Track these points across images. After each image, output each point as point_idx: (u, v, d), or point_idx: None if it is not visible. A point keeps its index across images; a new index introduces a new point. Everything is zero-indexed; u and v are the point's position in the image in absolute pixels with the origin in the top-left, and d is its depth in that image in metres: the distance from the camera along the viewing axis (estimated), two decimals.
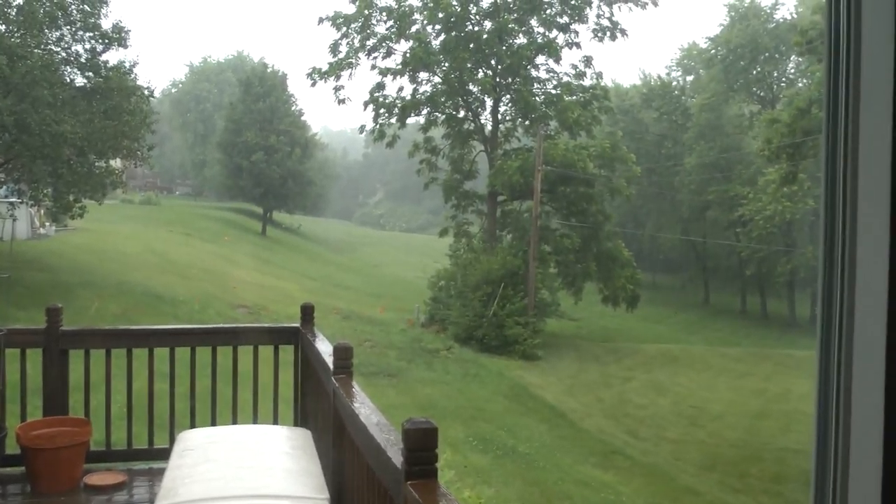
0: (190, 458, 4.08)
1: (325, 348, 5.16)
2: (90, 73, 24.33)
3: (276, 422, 6.16)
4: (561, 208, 35.23)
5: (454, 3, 36.03)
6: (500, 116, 38.19)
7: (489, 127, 38.00)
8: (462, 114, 38.26)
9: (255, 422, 6.17)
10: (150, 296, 24.03)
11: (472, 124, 38.30)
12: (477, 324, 29.97)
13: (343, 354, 4.49)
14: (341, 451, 4.14)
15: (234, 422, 6.15)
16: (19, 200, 24.59)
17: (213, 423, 6.01)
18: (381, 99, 37.77)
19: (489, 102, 38.33)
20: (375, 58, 37.44)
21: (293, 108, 57.54)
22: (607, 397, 25.86)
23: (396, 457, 2.75)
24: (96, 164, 23.86)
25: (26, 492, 5.68)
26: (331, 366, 4.54)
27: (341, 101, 37.61)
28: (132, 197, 56.02)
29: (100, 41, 24.44)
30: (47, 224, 29.82)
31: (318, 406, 5.21)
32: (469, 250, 35.35)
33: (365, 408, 3.65)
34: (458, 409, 20.87)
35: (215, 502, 3.45)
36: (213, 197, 67.55)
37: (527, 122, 37.35)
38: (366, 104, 37.87)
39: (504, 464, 16.99)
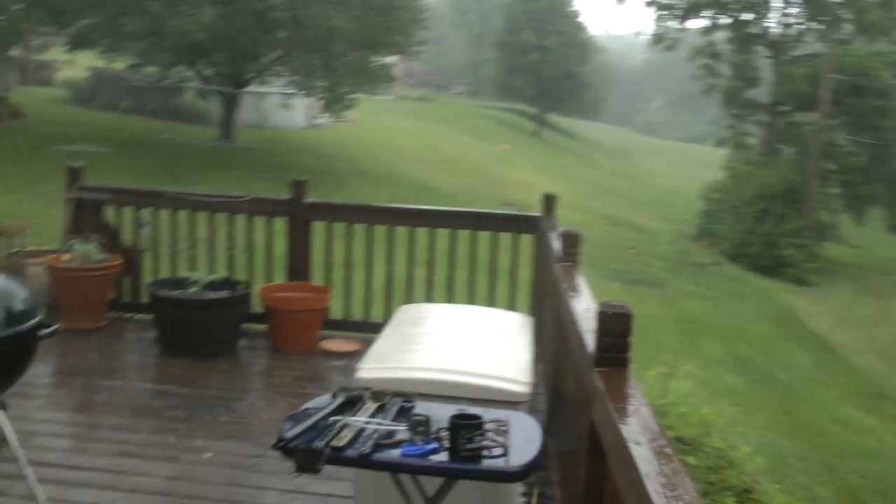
0: (402, 329, 4.10)
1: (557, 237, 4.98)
2: None
3: (512, 308, 6.07)
4: (849, 122, 32.13)
5: None
6: (789, 20, 35.49)
7: (776, 30, 35.43)
8: (747, 16, 35.87)
9: (490, 306, 6.12)
10: (419, 188, 24.70)
11: (758, 28, 35.83)
12: (748, 241, 28.64)
13: (570, 242, 4.26)
14: (558, 339, 3.96)
15: (470, 304, 6.14)
16: (295, 92, 25.88)
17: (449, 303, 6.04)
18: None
19: (778, 3, 35.70)
20: None
21: (570, 8, 56.59)
22: (884, 336, 23.71)
23: (590, 341, 2.54)
24: (369, 58, 24.64)
25: (269, 347, 6.10)
26: (558, 253, 4.35)
27: (621, 1, 36.58)
28: (408, 93, 57.62)
29: None
30: (322, 115, 31.22)
31: (546, 295, 5.06)
32: (746, 163, 33.58)
33: (579, 295, 3.43)
34: (718, 326, 20.09)
35: (411, 372, 3.43)
36: (489, 97, 68.15)
37: (819, 26, 34.39)
38: (647, 4, 36.52)
39: (757, 388, 16.19)
